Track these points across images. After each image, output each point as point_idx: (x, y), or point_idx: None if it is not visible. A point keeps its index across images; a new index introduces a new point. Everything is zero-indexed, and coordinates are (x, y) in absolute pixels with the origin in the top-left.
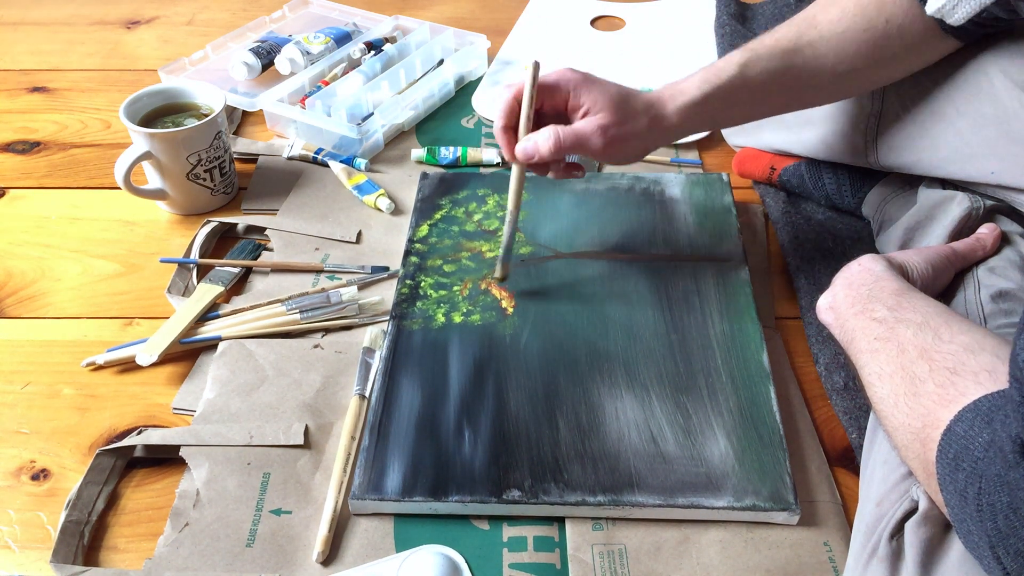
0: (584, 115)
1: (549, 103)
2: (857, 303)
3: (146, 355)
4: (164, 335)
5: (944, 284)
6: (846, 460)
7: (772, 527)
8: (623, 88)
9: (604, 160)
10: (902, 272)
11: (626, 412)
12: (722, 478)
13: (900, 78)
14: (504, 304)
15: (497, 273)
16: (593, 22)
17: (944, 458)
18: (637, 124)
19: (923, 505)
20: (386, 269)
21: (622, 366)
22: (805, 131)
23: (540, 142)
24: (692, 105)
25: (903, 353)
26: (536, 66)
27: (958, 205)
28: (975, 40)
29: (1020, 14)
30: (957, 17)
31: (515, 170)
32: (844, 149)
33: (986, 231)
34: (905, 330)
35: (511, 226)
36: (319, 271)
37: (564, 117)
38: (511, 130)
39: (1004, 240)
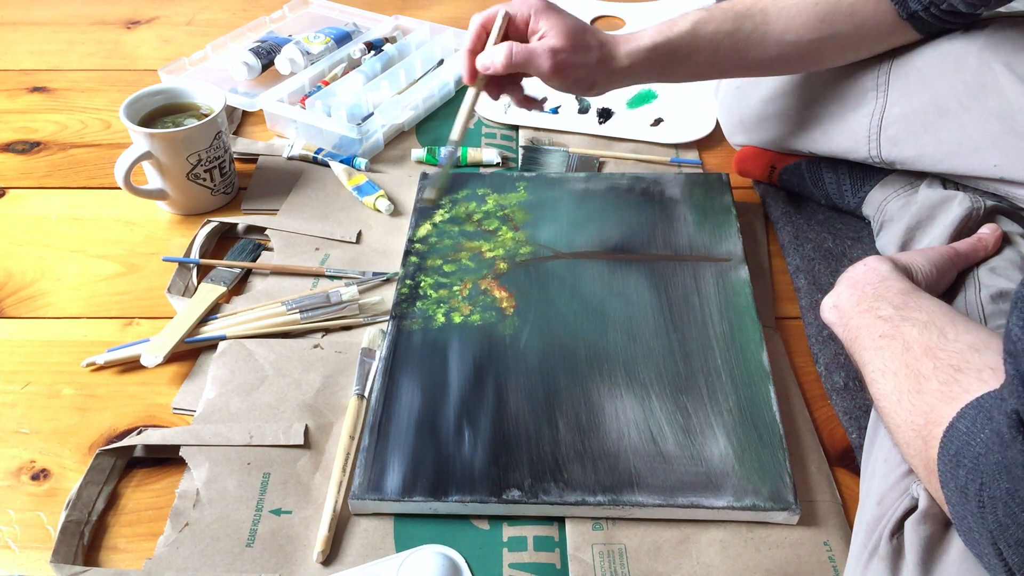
0: (540, 38)
1: (512, 29)
2: (862, 302)
3: (151, 356)
4: (169, 336)
5: (947, 284)
6: (846, 460)
7: (772, 527)
8: (581, 22)
9: (552, 84)
10: (907, 273)
11: (626, 412)
12: (722, 478)
13: (854, 59)
14: (504, 304)
15: (428, 194)
16: (593, 22)
17: (945, 455)
18: (587, 56)
19: (923, 503)
20: (386, 275)
21: (622, 366)
22: (808, 126)
23: (495, 53)
24: (642, 51)
25: (908, 351)
26: (504, 16)
27: (959, 205)
28: (933, 34)
29: (978, 11)
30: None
31: (469, 92)
32: (847, 144)
33: (987, 231)
34: (911, 328)
35: (454, 145)
36: (319, 275)
37: (525, 41)
38: (475, 53)
39: (1005, 240)
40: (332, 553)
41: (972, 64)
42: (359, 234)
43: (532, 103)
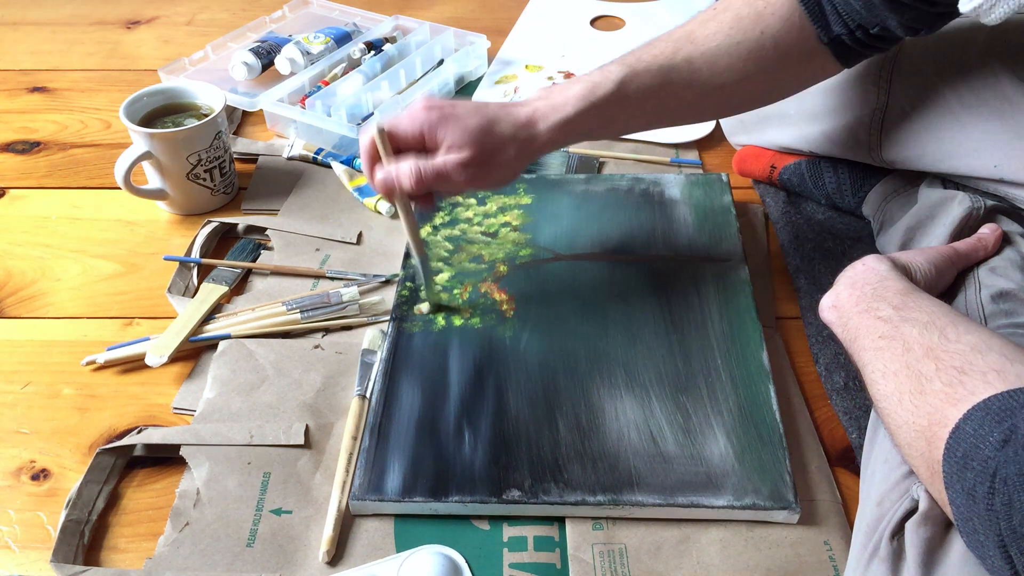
0: (449, 150)
1: (405, 145)
2: (861, 302)
3: (155, 356)
4: (172, 335)
5: (947, 284)
6: (846, 460)
7: (772, 526)
8: (487, 115)
9: (471, 190)
10: (906, 273)
11: (626, 412)
12: (722, 477)
13: (780, 98)
14: (504, 307)
15: (424, 309)
16: (593, 22)
17: (952, 457)
18: (504, 154)
19: (923, 505)
20: (385, 277)
21: (622, 366)
22: (809, 126)
23: (401, 174)
24: (566, 122)
25: (908, 351)
26: (381, 132)
27: (959, 205)
28: (851, 63)
29: (919, 35)
30: (994, 17)
31: (399, 204)
32: (848, 144)
33: (987, 231)
34: (911, 329)
35: (421, 261)
36: (320, 276)
37: (428, 152)
38: (373, 170)
39: (1005, 240)
40: (334, 553)
41: (973, 64)
42: (360, 235)
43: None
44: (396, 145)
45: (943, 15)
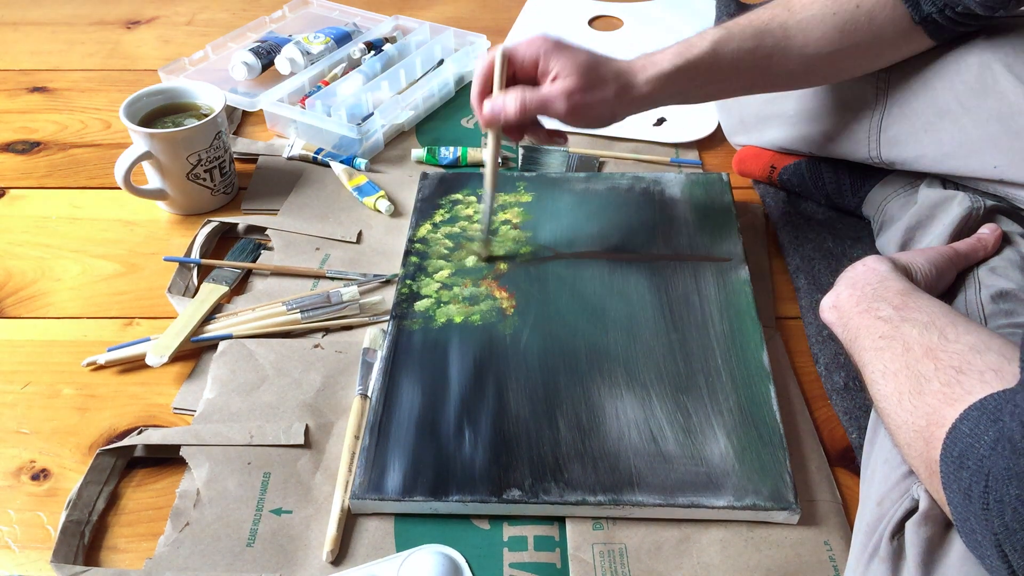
0: (553, 80)
1: (521, 70)
2: (862, 302)
3: (156, 356)
4: (173, 336)
5: (947, 284)
6: (846, 460)
7: (772, 526)
8: (594, 55)
9: (570, 124)
10: (906, 273)
11: (626, 412)
12: (722, 477)
13: (873, 69)
14: (504, 304)
15: (480, 250)
16: (591, 22)
17: (948, 456)
18: (604, 91)
19: (923, 504)
20: (386, 276)
21: (622, 366)
22: (808, 126)
23: (507, 102)
24: (662, 77)
25: (908, 352)
26: (503, 57)
27: (959, 205)
28: (948, 39)
29: (997, 13)
30: None
31: (490, 137)
32: (847, 145)
33: (987, 231)
34: (911, 329)
35: (490, 200)
36: (320, 277)
37: (536, 83)
38: (483, 98)
39: (1005, 240)
40: (338, 552)
41: (972, 65)
42: (359, 234)
43: (556, 137)
44: (510, 70)
45: None
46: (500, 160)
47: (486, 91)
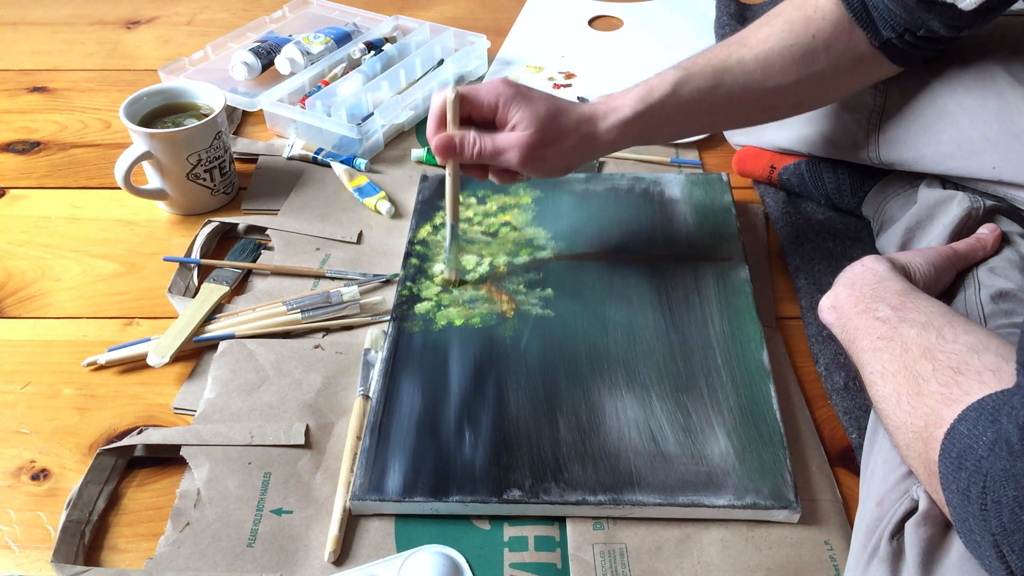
0: (512, 129)
1: (478, 114)
2: (860, 302)
3: (157, 356)
4: (174, 336)
5: (946, 284)
6: (846, 460)
7: (773, 526)
8: (556, 104)
9: (524, 172)
10: (905, 273)
11: (626, 412)
12: (723, 476)
13: (838, 98)
14: (504, 307)
15: (449, 276)
16: (591, 22)
17: (947, 457)
18: (563, 144)
19: (923, 505)
20: (386, 276)
21: (622, 366)
22: (807, 128)
23: (463, 143)
24: (625, 123)
25: (906, 352)
26: (456, 97)
27: (958, 205)
28: (909, 64)
29: (960, 33)
30: (967, 3)
31: (449, 169)
32: (846, 145)
33: (986, 231)
34: (909, 329)
35: (451, 229)
36: (320, 276)
37: (493, 129)
38: (440, 132)
39: (1004, 240)
40: (339, 553)
41: (970, 66)
42: (360, 234)
43: (514, 176)
44: (468, 111)
45: (982, 11)
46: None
47: (440, 128)
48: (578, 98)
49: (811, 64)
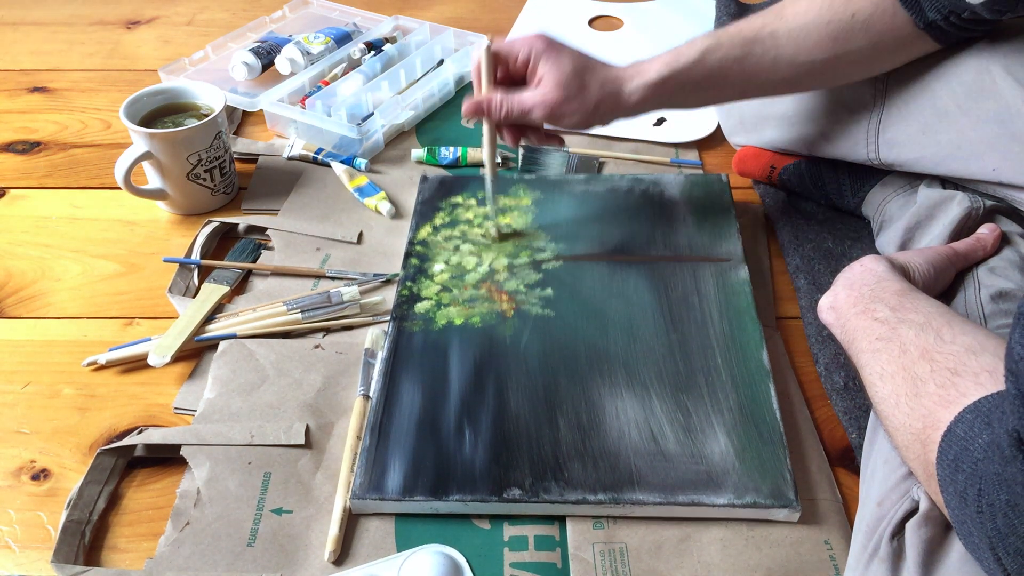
0: (538, 84)
1: (514, 69)
2: (859, 303)
3: (158, 357)
4: (175, 336)
5: (945, 284)
6: (846, 460)
7: (773, 525)
8: (583, 61)
9: (552, 126)
10: (904, 273)
11: (626, 411)
12: (723, 475)
13: (870, 75)
14: (504, 307)
15: (491, 231)
16: (591, 22)
17: (944, 459)
18: (584, 101)
19: (924, 506)
20: (386, 276)
21: (622, 366)
22: (807, 128)
23: (490, 104)
24: (650, 85)
25: (905, 353)
26: (489, 53)
27: (958, 205)
28: (952, 43)
29: (1004, 16)
30: None
31: (485, 126)
32: (846, 146)
33: (986, 231)
34: (907, 330)
35: (491, 184)
36: (320, 276)
37: (523, 80)
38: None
39: (1004, 240)
40: (339, 553)
41: (970, 67)
42: (360, 235)
43: (552, 140)
44: (504, 68)
45: None
46: (498, 157)
47: (480, 88)
48: None
49: (847, 42)
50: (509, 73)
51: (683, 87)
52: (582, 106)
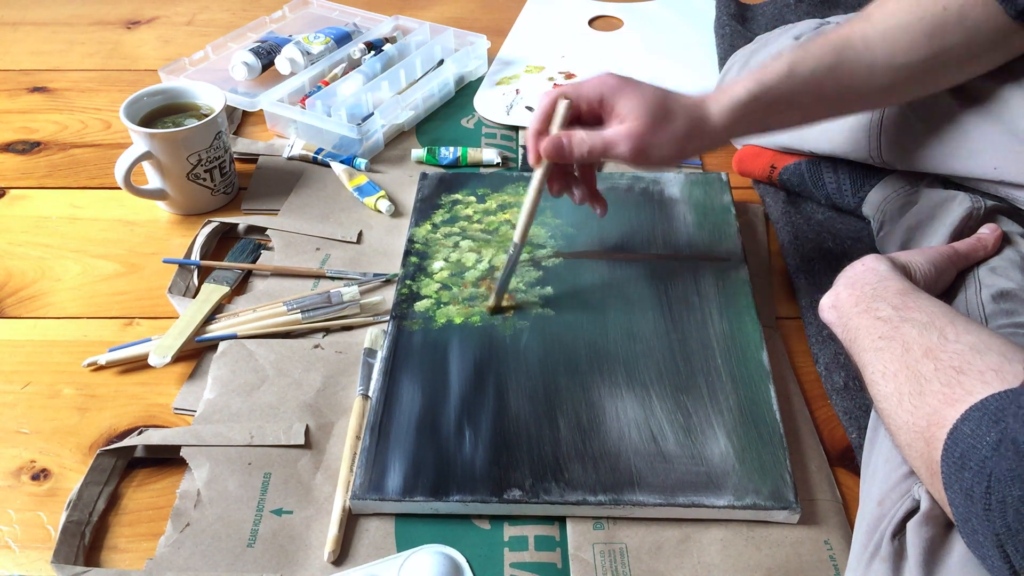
0: (620, 121)
1: (588, 109)
2: (861, 302)
3: (159, 357)
4: (175, 336)
5: (946, 284)
6: (846, 460)
7: (773, 526)
8: (664, 92)
9: (634, 165)
10: (905, 272)
11: (626, 411)
12: (723, 477)
13: (970, 76)
14: (504, 304)
15: (490, 302)
16: (591, 22)
17: (950, 457)
18: (672, 129)
19: (925, 505)
20: (386, 276)
21: (622, 366)
22: (809, 126)
23: (572, 143)
24: (738, 106)
25: (908, 352)
26: (568, 106)
27: (959, 205)
28: None
29: None
30: None
31: (534, 180)
32: (848, 145)
33: (987, 231)
34: (910, 329)
35: (516, 249)
36: (320, 276)
37: (601, 124)
38: (540, 135)
39: (1005, 240)
40: (339, 553)
41: None
42: (360, 234)
43: (598, 201)
44: (574, 109)
45: None
46: (497, 158)
47: (544, 130)
48: None
49: (943, 38)
50: (580, 118)
51: (773, 104)
52: (671, 135)
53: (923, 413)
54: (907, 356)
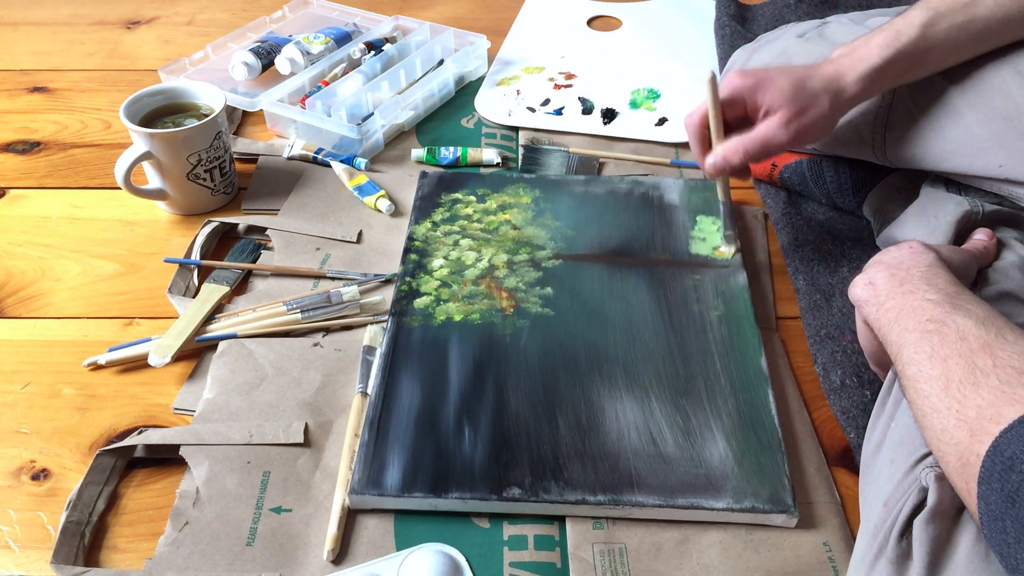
0: (766, 115)
1: (730, 114)
2: (907, 283)
3: (159, 357)
4: (176, 336)
5: (968, 283)
6: (845, 460)
7: (772, 528)
8: (797, 73)
9: (794, 147)
10: (948, 264)
11: (626, 413)
12: (721, 479)
13: None
14: (503, 304)
15: (727, 249)
16: (590, 22)
17: (998, 456)
18: (819, 107)
19: (932, 499)
20: (386, 276)
21: (621, 367)
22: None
23: (728, 155)
24: (873, 72)
25: (963, 341)
26: (713, 78)
27: (958, 206)
28: None
29: None
30: None
31: (718, 186)
32: (852, 142)
33: (984, 236)
34: (965, 320)
35: (727, 205)
36: (320, 276)
37: (748, 121)
38: (707, 152)
39: (1001, 244)
40: (338, 551)
41: (979, 64)
42: (360, 234)
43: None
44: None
45: None
46: (496, 157)
47: (706, 146)
48: (578, 97)
49: None
50: (727, 124)
51: (907, 67)
52: (819, 115)
53: (974, 403)
54: (962, 344)
